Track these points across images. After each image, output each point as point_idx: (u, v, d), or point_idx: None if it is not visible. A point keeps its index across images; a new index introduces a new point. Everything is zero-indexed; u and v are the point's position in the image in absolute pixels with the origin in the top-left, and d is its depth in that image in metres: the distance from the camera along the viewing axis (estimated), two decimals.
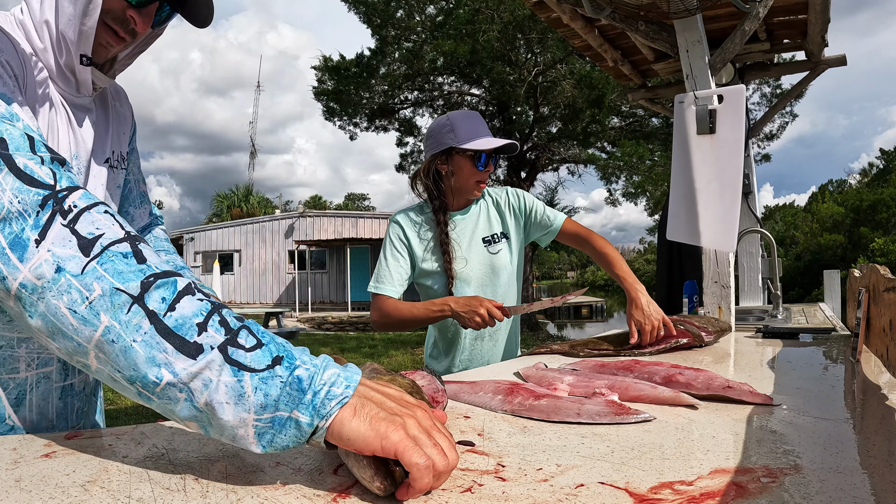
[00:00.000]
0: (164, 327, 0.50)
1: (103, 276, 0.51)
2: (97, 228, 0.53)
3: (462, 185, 1.64)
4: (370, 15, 12.74)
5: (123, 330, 0.49)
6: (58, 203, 0.53)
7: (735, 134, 1.81)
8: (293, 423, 0.50)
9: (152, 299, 0.50)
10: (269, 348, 0.52)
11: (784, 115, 14.06)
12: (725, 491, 0.52)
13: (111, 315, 0.50)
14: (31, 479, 0.54)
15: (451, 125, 1.59)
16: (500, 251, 1.70)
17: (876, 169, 35.38)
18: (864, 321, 1.34)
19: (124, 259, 0.52)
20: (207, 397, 0.49)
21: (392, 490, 0.51)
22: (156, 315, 0.50)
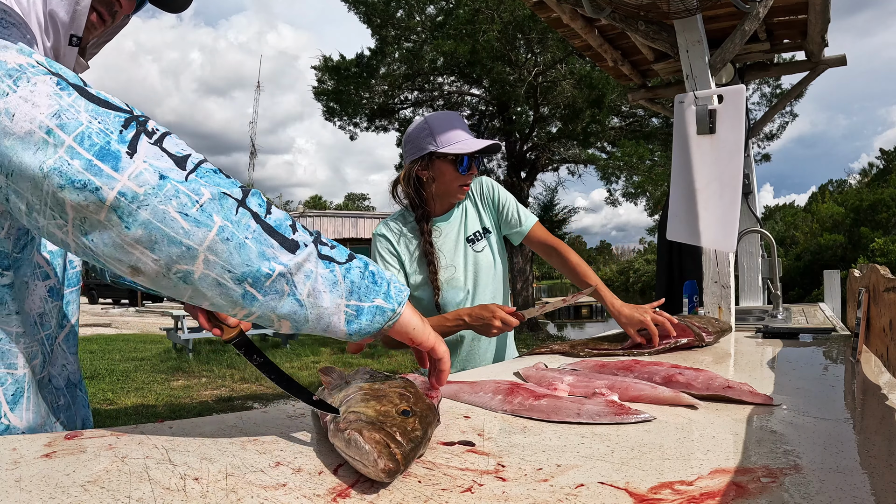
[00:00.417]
0: (268, 226, 0.55)
1: (208, 181, 0.53)
2: (182, 149, 0.55)
3: (445, 190, 1.58)
4: (370, 15, 12.73)
5: (236, 228, 0.53)
6: (140, 125, 0.54)
7: (735, 134, 1.81)
8: (377, 309, 0.60)
9: (252, 204, 0.55)
10: (340, 250, 0.60)
11: (784, 115, 14.06)
12: (725, 491, 0.52)
13: (223, 215, 0.53)
14: (31, 479, 0.54)
15: (429, 129, 1.53)
16: (484, 248, 1.65)
17: (876, 169, 35.38)
18: (864, 321, 1.34)
19: (216, 174, 0.55)
20: (310, 287, 0.56)
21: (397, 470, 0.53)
22: (258, 216, 0.55)
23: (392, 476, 0.53)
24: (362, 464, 0.54)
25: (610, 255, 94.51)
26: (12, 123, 0.51)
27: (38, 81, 0.54)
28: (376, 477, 0.53)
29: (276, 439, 0.68)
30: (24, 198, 0.53)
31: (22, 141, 0.51)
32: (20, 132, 0.51)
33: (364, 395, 0.64)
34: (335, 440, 0.58)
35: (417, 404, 0.63)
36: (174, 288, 0.55)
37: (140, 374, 7.16)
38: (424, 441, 0.60)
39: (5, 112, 0.52)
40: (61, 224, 0.53)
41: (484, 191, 1.70)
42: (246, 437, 0.68)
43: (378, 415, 0.59)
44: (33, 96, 0.52)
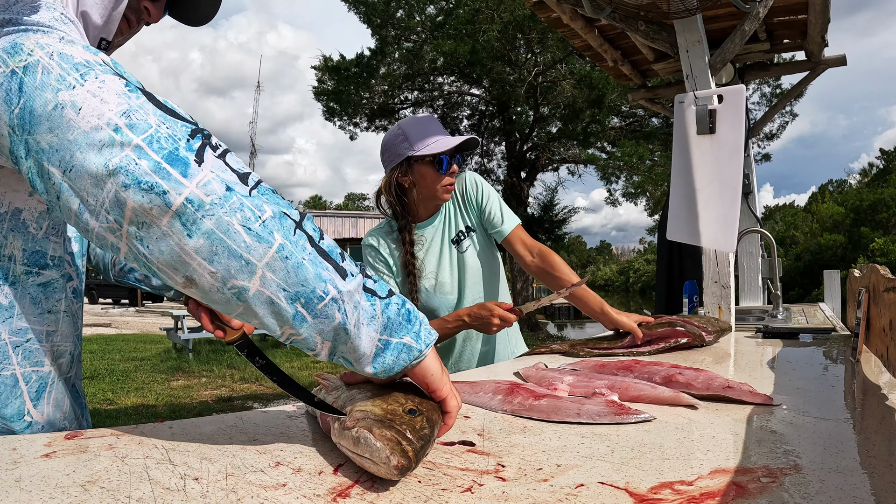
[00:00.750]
0: (322, 250, 0.55)
1: (270, 200, 0.54)
2: (243, 166, 0.55)
3: (428, 194, 1.54)
4: (370, 15, 12.74)
5: (294, 248, 0.53)
6: (206, 138, 0.54)
7: (735, 134, 1.81)
8: (404, 346, 0.60)
9: (308, 227, 0.55)
10: (381, 285, 0.60)
11: (784, 115, 14.06)
12: (725, 491, 0.52)
13: (283, 234, 0.53)
14: (31, 479, 0.54)
15: (404, 134, 1.51)
16: (468, 248, 1.61)
17: (876, 169, 35.38)
18: (864, 321, 1.34)
19: (274, 194, 0.55)
20: (357, 317, 0.56)
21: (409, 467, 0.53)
22: (314, 239, 0.55)
23: (404, 473, 0.53)
24: (372, 461, 0.54)
25: (610, 255, 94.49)
26: (78, 117, 0.50)
27: (106, 79, 0.53)
28: (388, 474, 0.53)
29: (276, 439, 0.68)
30: (80, 196, 0.51)
31: (87, 136, 0.50)
32: (86, 127, 0.50)
33: (369, 394, 0.64)
34: (341, 439, 0.58)
35: (423, 404, 0.63)
36: (227, 304, 0.54)
37: (140, 374, 7.16)
38: (432, 440, 0.60)
39: (71, 105, 0.51)
40: (115, 227, 0.51)
41: (467, 187, 1.64)
42: (246, 437, 0.68)
43: (386, 413, 0.59)
44: (102, 92, 0.52)
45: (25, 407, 0.75)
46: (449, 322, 1.46)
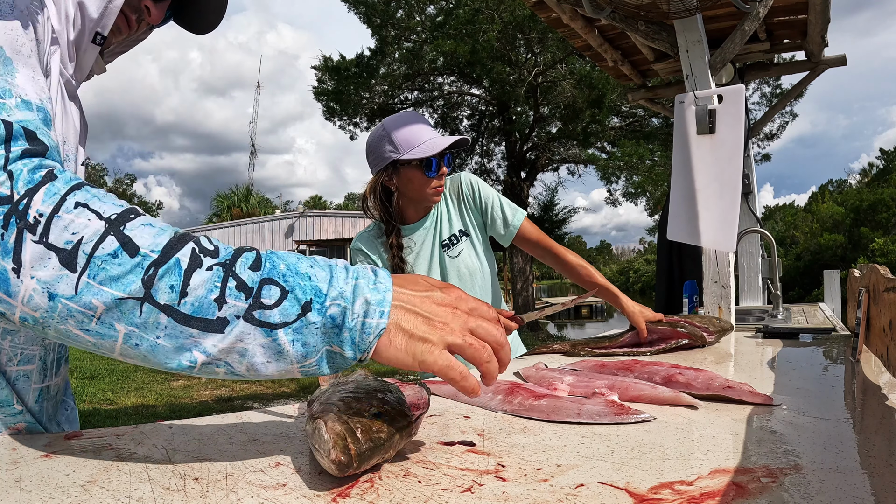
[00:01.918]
0: (183, 315, 0.47)
1: (100, 290, 0.46)
2: (73, 234, 0.46)
3: (416, 197, 1.49)
4: (370, 15, 12.75)
5: (143, 332, 0.47)
6: (21, 218, 0.46)
7: (734, 134, 1.81)
8: (337, 355, 0.51)
9: (160, 292, 0.46)
10: (296, 294, 0.49)
11: (784, 115, 14.07)
12: (725, 491, 0.52)
13: (125, 322, 0.47)
14: (31, 479, 0.54)
15: (388, 134, 1.43)
16: (461, 252, 1.55)
17: (876, 169, 35.39)
18: (864, 321, 1.34)
19: (115, 260, 0.46)
20: (248, 364, 0.49)
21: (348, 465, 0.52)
22: (170, 307, 0.47)
23: (343, 470, 0.52)
24: (319, 453, 0.54)
25: (610, 255, 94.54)
26: None
27: None
28: (328, 468, 0.53)
29: (276, 439, 0.68)
30: None
31: None
32: None
33: (348, 392, 0.64)
34: (306, 426, 0.59)
35: (393, 410, 0.62)
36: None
37: (140, 374, 7.16)
38: (387, 447, 0.58)
39: None
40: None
41: (463, 189, 1.59)
42: (246, 437, 0.68)
43: (349, 409, 0.59)
44: None
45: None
46: None
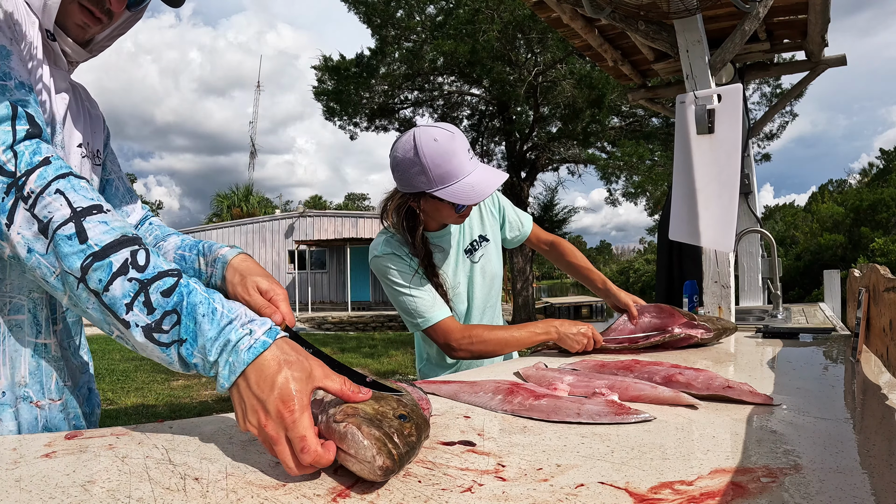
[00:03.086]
0: (104, 302, 0.60)
1: (59, 259, 0.61)
2: (49, 213, 0.61)
3: (440, 220, 1.47)
4: (370, 15, 12.74)
5: (79, 300, 0.61)
6: (18, 190, 0.61)
7: (733, 133, 1.81)
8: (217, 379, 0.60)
9: (92, 280, 0.60)
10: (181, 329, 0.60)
11: (784, 115, 14.07)
12: (725, 491, 0.52)
13: (70, 289, 0.61)
14: (31, 479, 0.54)
15: (421, 166, 1.31)
16: (482, 256, 1.58)
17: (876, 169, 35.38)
18: (864, 321, 1.34)
19: (68, 241, 0.60)
20: (151, 355, 0.62)
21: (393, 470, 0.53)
22: (97, 293, 0.60)
23: (387, 475, 0.53)
24: (356, 459, 0.53)
25: (610, 255, 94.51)
26: None
27: None
28: (370, 474, 0.53)
29: None
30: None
31: None
32: None
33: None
34: (328, 433, 0.57)
35: (414, 412, 0.63)
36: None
37: (140, 374, 7.16)
38: (418, 448, 0.59)
39: None
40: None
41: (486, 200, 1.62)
42: (246, 437, 0.68)
43: (376, 413, 0.59)
44: None
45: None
46: (539, 328, 1.42)
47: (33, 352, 0.80)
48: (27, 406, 0.78)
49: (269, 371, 0.57)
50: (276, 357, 0.58)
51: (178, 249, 0.95)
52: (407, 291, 1.42)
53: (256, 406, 0.56)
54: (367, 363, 8.55)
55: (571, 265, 1.73)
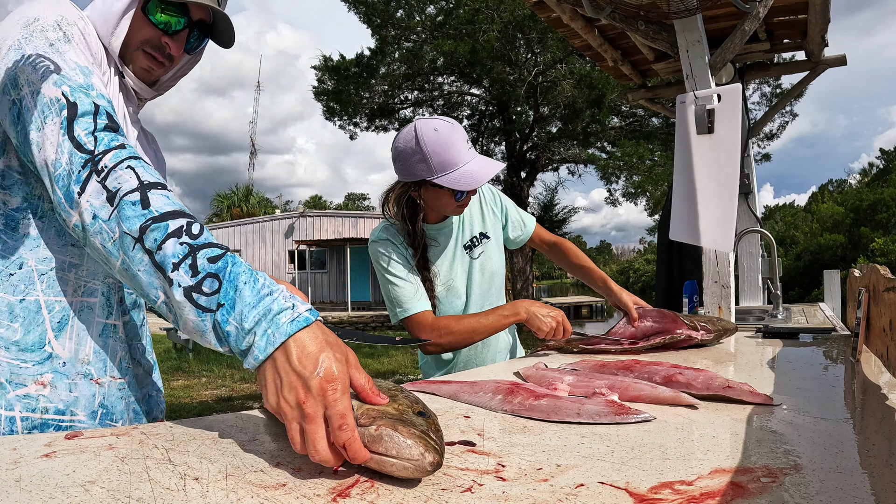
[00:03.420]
0: (154, 261, 0.64)
1: (119, 222, 0.66)
2: (119, 184, 0.68)
3: (439, 209, 1.49)
4: (370, 15, 12.74)
5: (132, 262, 0.65)
6: (94, 165, 0.69)
7: (732, 132, 1.81)
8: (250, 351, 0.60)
9: (148, 240, 0.64)
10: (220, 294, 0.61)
11: (784, 115, 14.06)
12: (725, 491, 0.52)
13: (126, 251, 0.66)
14: (31, 479, 0.54)
15: (422, 154, 1.35)
16: (482, 253, 1.61)
17: (876, 169, 35.38)
18: (864, 321, 1.34)
19: (133, 206, 0.66)
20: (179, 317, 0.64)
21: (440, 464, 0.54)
22: (150, 252, 0.64)
23: (436, 469, 0.53)
24: (398, 459, 0.53)
25: (610, 255, 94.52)
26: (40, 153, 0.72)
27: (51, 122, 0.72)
28: (417, 472, 0.53)
29: (276, 439, 0.68)
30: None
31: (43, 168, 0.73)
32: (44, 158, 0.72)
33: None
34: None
35: (427, 409, 0.63)
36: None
37: None
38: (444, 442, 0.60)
39: (36, 143, 0.72)
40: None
41: (486, 196, 1.66)
42: (246, 437, 0.68)
43: (400, 413, 0.59)
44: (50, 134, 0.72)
45: (46, 336, 0.81)
46: (506, 310, 1.44)
47: (101, 331, 0.87)
48: (86, 382, 0.84)
49: (313, 349, 0.58)
50: (318, 336, 0.59)
51: None
52: (393, 279, 1.47)
53: (296, 382, 0.56)
54: (367, 363, 8.56)
55: (574, 265, 1.74)
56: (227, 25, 0.97)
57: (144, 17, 0.90)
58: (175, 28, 0.92)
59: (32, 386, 0.79)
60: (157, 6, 0.90)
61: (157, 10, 0.90)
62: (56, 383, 0.81)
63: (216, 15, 0.96)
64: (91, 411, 0.84)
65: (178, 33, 0.93)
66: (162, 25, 0.91)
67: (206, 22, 0.96)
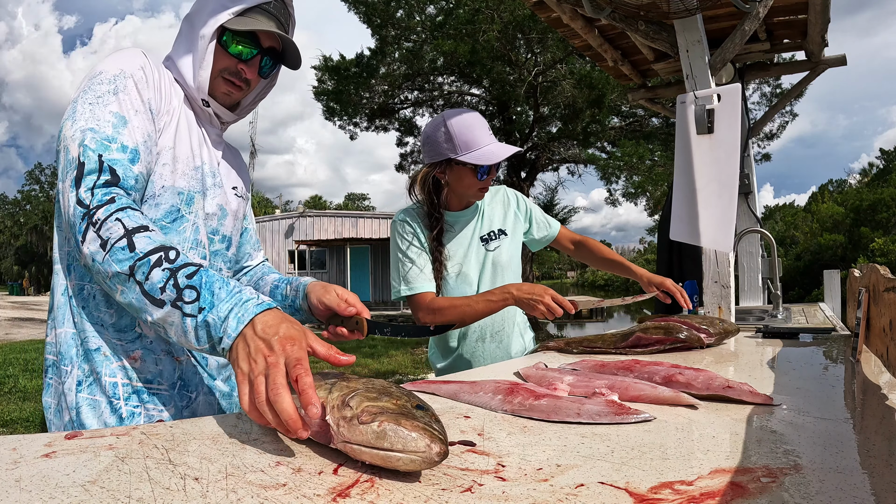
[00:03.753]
0: (145, 290, 0.79)
1: (112, 264, 0.81)
2: (109, 234, 0.82)
3: (463, 192, 1.62)
4: (370, 15, 12.73)
5: (128, 292, 0.80)
6: (90, 218, 0.84)
7: (732, 132, 1.81)
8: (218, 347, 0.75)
9: (138, 274, 0.79)
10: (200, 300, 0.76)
11: (784, 115, 14.05)
12: (725, 491, 0.52)
13: (122, 283, 0.81)
14: (31, 479, 0.54)
15: (449, 134, 1.52)
16: (498, 248, 1.69)
17: (876, 169, 35.38)
18: (864, 321, 1.34)
19: (122, 251, 0.81)
20: (173, 330, 0.78)
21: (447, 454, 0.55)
22: (140, 283, 0.79)
23: (443, 459, 0.54)
24: (403, 452, 0.53)
25: None
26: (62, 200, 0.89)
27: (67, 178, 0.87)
28: (424, 463, 0.53)
29: (276, 439, 0.68)
30: None
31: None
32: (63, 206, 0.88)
33: (367, 392, 0.63)
34: (353, 435, 0.57)
35: (424, 402, 0.63)
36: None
37: None
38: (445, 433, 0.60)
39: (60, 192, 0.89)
40: None
41: (510, 199, 1.79)
42: (246, 437, 0.68)
43: (399, 408, 0.59)
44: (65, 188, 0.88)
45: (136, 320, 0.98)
46: (494, 295, 1.50)
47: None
48: (169, 359, 1.00)
49: (274, 321, 0.72)
50: (278, 315, 0.73)
51: (273, 283, 1.19)
52: (404, 258, 1.60)
53: (261, 345, 0.68)
54: (367, 363, 8.55)
55: (603, 259, 1.86)
56: (294, 50, 1.10)
57: (222, 49, 1.04)
58: (248, 56, 1.06)
59: (127, 360, 0.97)
60: (232, 38, 1.04)
61: (233, 42, 1.04)
62: (145, 358, 0.98)
63: (284, 42, 1.09)
64: (171, 383, 1.01)
65: (252, 59, 1.06)
66: (237, 54, 1.05)
67: (276, 49, 1.09)
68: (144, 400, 0.97)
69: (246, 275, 1.28)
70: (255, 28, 1.03)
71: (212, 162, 1.10)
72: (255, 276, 1.26)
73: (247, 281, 1.26)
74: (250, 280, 1.26)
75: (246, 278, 1.27)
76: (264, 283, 1.21)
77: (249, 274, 1.27)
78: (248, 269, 1.29)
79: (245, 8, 1.03)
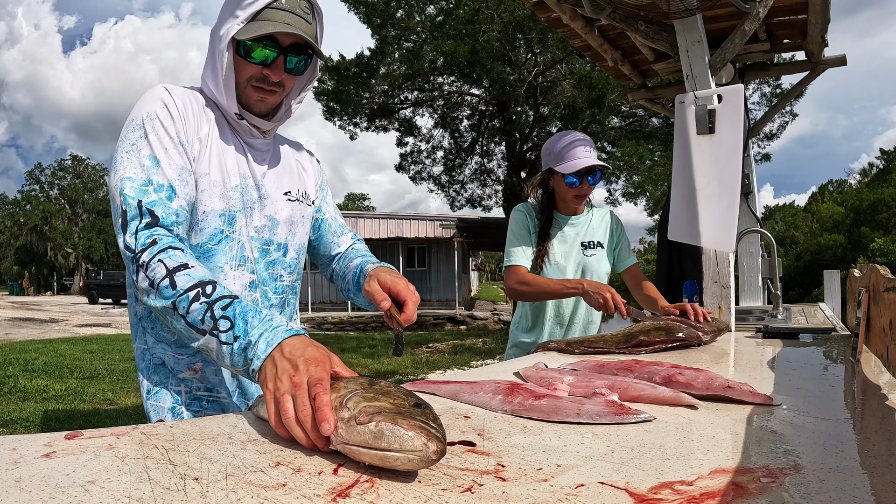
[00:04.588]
0: (188, 321, 0.87)
1: (160, 300, 0.89)
2: (154, 275, 0.90)
3: (562, 197, 1.96)
4: (370, 15, 12.73)
5: (174, 322, 0.89)
6: (135, 262, 0.92)
7: (734, 133, 1.81)
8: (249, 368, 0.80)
9: (180, 308, 0.87)
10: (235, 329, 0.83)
11: (784, 115, 14.05)
12: (725, 491, 0.52)
13: (168, 315, 0.89)
14: (31, 479, 0.54)
15: (550, 148, 1.92)
16: (593, 255, 2.00)
17: (876, 169, 35.37)
18: (864, 321, 1.34)
19: (166, 289, 0.88)
20: (214, 354, 0.86)
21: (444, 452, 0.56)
22: (183, 315, 0.87)
23: (441, 457, 0.54)
24: (401, 451, 0.53)
25: None
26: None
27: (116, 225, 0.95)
28: (421, 462, 0.53)
29: (276, 439, 0.68)
30: None
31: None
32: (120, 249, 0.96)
33: (365, 393, 0.63)
34: (352, 436, 0.57)
35: (422, 401, 0.63)
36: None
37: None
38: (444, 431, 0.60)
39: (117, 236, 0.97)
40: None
41: (612, 224, 2.09)
42: (246, 437, 0.68)
43: (397, 407, 0.59)
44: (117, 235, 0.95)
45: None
46: (570, 283, 1.80)
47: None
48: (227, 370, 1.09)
49: (301, 345, 0.76)
50: (305, 340, 0.78)
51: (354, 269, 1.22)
52: (513, 236, 1.96)
53: (287, 366, 0.72)
54: (367, 363, 8.55)
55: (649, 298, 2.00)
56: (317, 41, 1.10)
57: (243, 59, 1.04)
58: (270, 60, 1.04)
59: (188, 371, 1.07)
60: (250, 46, 1.03)
61: (252, 50, 1.03)
62: (205, 369, 1.08)
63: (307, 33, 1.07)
64: (231, 390, 1.10)
65: (275, 62, 1.04)
66: (258, 60, 1.04)
67: (299, 43, 1.05)
68: (205, 406, 1.07)
69: (338, 262, 1.32)
70: (266, 32, 1.00)
71: (255, 175, 1.12)
72: (343, 262, 1.29)
73: (340, 269, 1.30)
74: (341, 267, 1.29)
75: (338, 266, 1.31)
76: (348, 271, 1.24)
77: (340, 262, 1.31)
78: (338, 257, 1.32)
79: (255, 12, 1.00)
